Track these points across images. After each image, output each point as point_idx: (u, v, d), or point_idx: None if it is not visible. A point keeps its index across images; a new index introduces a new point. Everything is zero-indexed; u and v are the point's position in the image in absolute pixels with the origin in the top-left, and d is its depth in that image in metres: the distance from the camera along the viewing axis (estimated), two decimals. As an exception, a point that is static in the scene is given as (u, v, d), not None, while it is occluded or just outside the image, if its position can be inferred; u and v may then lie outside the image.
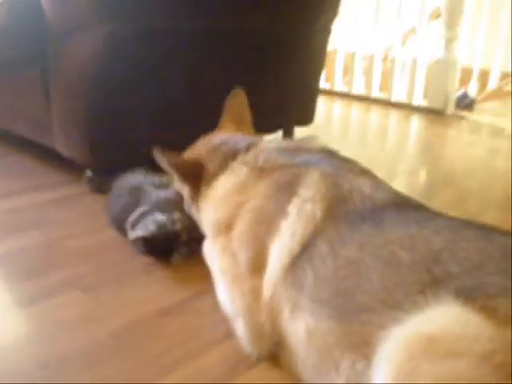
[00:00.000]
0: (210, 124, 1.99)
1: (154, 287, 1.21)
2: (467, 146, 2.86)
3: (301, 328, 0.81)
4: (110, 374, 0.93)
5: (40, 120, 1.86)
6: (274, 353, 0.94)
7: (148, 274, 1.26)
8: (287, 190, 0.90)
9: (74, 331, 1.05)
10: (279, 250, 0.86)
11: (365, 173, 0.95)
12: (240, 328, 0.96)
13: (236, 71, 1.99)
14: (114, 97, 1.65)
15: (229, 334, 1.03)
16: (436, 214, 0.83)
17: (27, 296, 1.16)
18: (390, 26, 3.99)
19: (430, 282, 0.66)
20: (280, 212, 0.88)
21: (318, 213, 0.84)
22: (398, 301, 0.67)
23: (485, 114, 3.69)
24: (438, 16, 3.70)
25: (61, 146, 1.81)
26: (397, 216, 0.79)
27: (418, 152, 2.73)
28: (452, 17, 3.39)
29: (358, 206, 0.82)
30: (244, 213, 0.95)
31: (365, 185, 0.87)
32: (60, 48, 1.67)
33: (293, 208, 0.87)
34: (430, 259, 0.68)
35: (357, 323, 0.71)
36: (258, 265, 0.90)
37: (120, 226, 1.40)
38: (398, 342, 0.62)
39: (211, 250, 1.05)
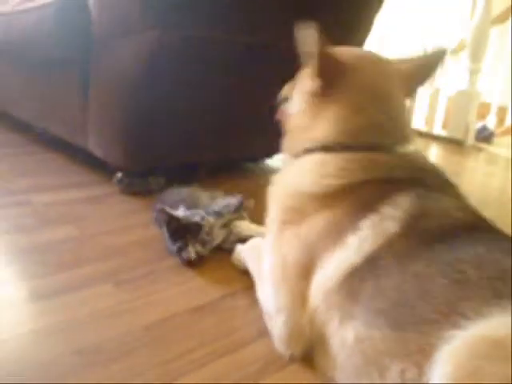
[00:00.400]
0: (245, 134, 2.05)
1: (186, 286, 1.24)
2: (485, 176, 2.90)
3: (349, 334, 0.83)
4: (141, 364, 0.95)
5: (76, 121, 1.92)
6: (306, 355, 0.97)
7: (179, 273, 1.29)
8: (367, 205, 0.90)
9: (107, 321, 1.07)
10: (340, 260, 0.87)
11: (455, 194, 0.96)
12: (278, 326, 0.98)
13: (265, 86, 2.04)
14: (152, 102, 1.69)
15: (260, 334, 1.06)
16: (506, 237, 0.85)
17: (60, 286, 1.19)
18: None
19: (495, 296, 0.68)
20: (350, 226, 0.89)
21: (394, 230, 0.85)
22: (461, 313, 0.68)
23: (502, 147, 3.73)
24: (463, 48, 3.76)
25: (94, 146, 1.86)
26: (469, 236, 0.81)
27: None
28: (476, 50, 3.45)
29: (435, 225, 0.84)
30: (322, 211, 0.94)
31: (449, 205, 0.89)
32: (104, 51, 1.72)
33: (367, 224, 0.87)
34: (496, 277, 0.71)
35: (414, 333, 0.72)
36: (308, 270, 0.92)
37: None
38: (461, 343, 0.63)
39: (265, 243, 1.06)
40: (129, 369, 0.94)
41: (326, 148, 0.99)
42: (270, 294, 1.01)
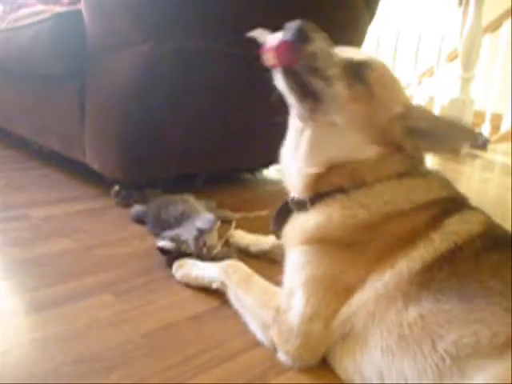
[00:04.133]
0: (242, 144, 2.06)
1: (185, 294, 1.24)
2: (482, 182, 2.92)
3: (411, 314, 0.88)
4: (141, 372, 0.95)
5: (72, 135, 1.93)
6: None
7: (177, 282, 1.29)
8: (436, 221, 0.97)
9: (107, 331, 1.08)
10: (405, 265, 0.93)
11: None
12: (305, 334, 0.98)
13: (262, 97, 2.05)
14: (148, 114, 1.71)
15: (258, 342, 1.06)
16: None
17: (60, 297, 1.20)
18: (408, 65, 4.09)
19: None
20: (423, 235, 0.95)
21: (455, 244, 0.92)
22: None
23: (497, 154, 3.76)
24: (456, 57, 3.80)
25: (91, 160, 1.87)
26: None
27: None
28: (468, 59, 3.48)
29: (488, 243, 0.93)
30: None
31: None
32: (99, 65, 1.75)
33: (437, 236, 0.94)
34: None
35: (480, 304, 0.83)
36: (351, 284, 0.96)
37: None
38: None
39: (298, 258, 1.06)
40: (128, 377, 0.94)
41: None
42: (298, 305, 1.00)
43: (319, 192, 1.05)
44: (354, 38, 2.30)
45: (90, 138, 1.84)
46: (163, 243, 1.36)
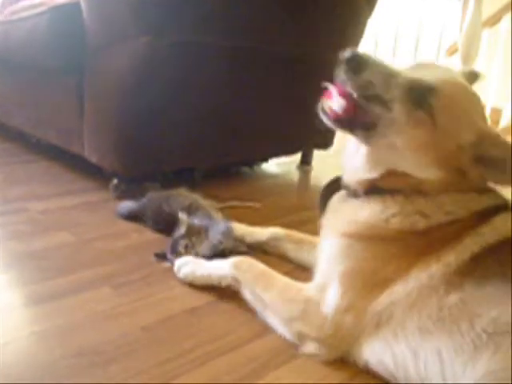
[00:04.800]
0: (236, 137, 2.06)
1: (182, 288, 1.24)
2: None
3: (452, 299, 0.91)
4: (140, 365, 0.96)
5: (71, 128, 1.93)
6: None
7: (174, 276, 1.28)
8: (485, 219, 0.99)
9: (105, 324, 1.08)
10: (453, 257, 0.95)
11: None
12: (339, 325, 0.99)
13: (262, 91, 2.06)
14: (146, 108, 1.71)
15: (256, 335, 1.07)
16: None
17: (58, 290, 1.20)
18: (408, 59, 4.08)
19: None
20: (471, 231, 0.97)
21: (502, 237, 0.96)
22: None
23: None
24: (456, 51, 3.79)
25: (90, 153, 1.87)
26: None
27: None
28: (468, 52, 3.47)
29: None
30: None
31: None
32: (98, 58, 1.74)
33: (486, 230, 0.96)
34: None
35: None
36: (389, 277, 0.98)
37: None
38: None
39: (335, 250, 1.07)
40: (127, 369, 0.94)
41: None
42: (334, 297, 1.01)
43: (376, 186, 1.05)
44: (355, 31, 2.30)
45: (88, 131, 1.83)
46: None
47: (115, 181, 1.84)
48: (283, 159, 2.61)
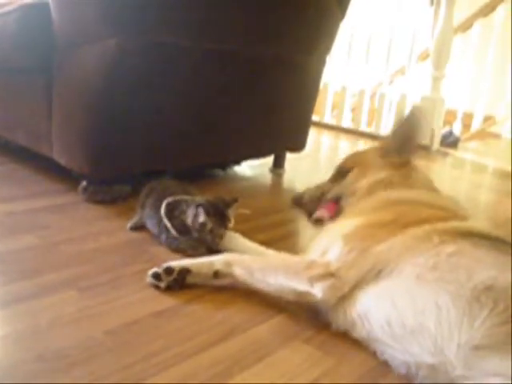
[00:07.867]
0: (208, 140, 2.05)
1: (149, 291, 1.23)
2: (452, 179, 2.98)
3: (449, 249, 1.03)
4: (104, 368, 0.94)
5: (40, 130, 1.89)
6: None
7: (143, 279, 1.27)
8: None
9: (70, 327, 1.06)
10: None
11: None
12: (342, 260, 1.10)
13: (233, 93, 2.06)
14: (115, 109, 1.69)
15: (224, 337, 1.07)
16: None
17: (22, 294, 1.17)
18: (380, 64, 4.13)
19: None
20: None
21: None
22: None
23: (468, 152, 3.83)
24: (427, 57, 3.84)
25: (59, 155, 1.83)
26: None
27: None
28: (439, 58, 3.53)
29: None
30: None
31: None
32: (66, 59, 1.72)
33: None
34: None
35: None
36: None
37: None
38: None
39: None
40: (91, 373, 0.93)
41: None
42: (337, 252, 1.12)
43: None
44: (327, 34, 2.32)
45: (56, 132, 1.80)
46: None
47: (84, 183, 1.82)
48: (256, 162, 2.61)
